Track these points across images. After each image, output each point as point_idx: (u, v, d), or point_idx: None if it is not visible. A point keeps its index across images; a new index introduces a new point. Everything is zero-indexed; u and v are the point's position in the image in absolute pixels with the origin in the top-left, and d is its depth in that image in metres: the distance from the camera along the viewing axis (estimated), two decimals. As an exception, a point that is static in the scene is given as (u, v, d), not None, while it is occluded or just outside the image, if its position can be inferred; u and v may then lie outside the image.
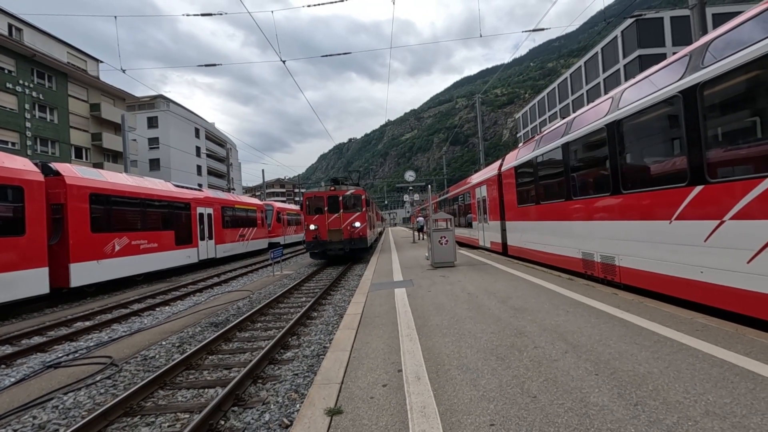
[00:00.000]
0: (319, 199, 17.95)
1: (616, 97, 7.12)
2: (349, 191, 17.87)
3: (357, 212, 17.64)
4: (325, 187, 18.19)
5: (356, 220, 17.51)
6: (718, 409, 2.71)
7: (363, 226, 17.58)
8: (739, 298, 4.60)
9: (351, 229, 17.45)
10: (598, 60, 49.10)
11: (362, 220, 17.62)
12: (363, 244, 17.58)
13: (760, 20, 4.38)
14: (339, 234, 17.40)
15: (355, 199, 17.97)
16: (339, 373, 3.89)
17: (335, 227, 17.44)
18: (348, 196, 17.83)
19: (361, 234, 17.46)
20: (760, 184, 4.21)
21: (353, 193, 17.94)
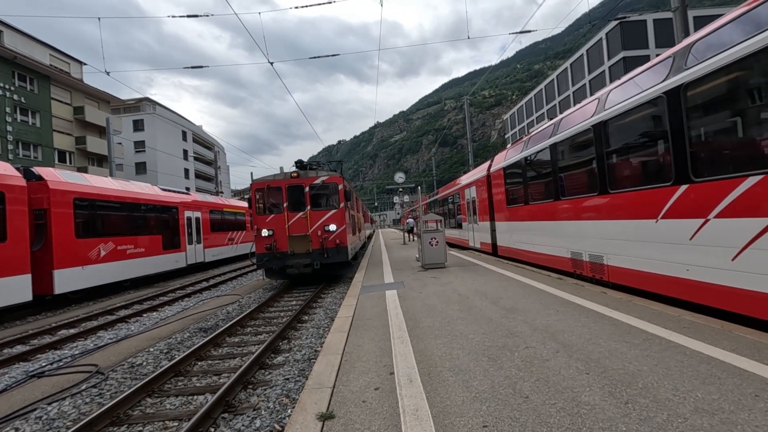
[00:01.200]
0: (274, 191, 12.33)
1: (602, 98, 7.21)
2: (319, 179, 12.27)
3: (332, 210, 12.22)
4: (284, 174, 12.42)
5: (331, 222, 12.09)
6: (707, 405, 2.74)
7: (341, 229, 12.15)
8: (725, 295, 4.67)
9: (323, 235, 12.00)
10: (584, 62, 49.82)
11: (340, 221, 12.21)
12: (341, 256, 12.16)
13: (739, 23, 4.48)
14: (305, 243, 11.93)
15: (330, 191, 12.56)
16: (331, 376, 3.86)
17: (299, 232, 11.96)
18: (318, 187, 12.37)
19: (338, 242, 12.03)
20: (742, 183, 4.29)
21: (326, 181, 12.32)
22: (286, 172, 12.42)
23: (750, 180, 4.21)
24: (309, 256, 11.91)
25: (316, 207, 12.35)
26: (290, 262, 11.83)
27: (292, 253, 11.92)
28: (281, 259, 11.90)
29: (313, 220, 12.15)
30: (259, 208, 12.32)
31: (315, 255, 11.91)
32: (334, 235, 12.13)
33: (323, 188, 12.53)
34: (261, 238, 11.97)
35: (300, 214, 12.12)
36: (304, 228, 12.07)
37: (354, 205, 17.12)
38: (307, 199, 12.22)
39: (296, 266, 11.76)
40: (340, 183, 12.52)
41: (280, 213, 12.10)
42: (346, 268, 13.10)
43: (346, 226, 12.54)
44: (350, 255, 13.29)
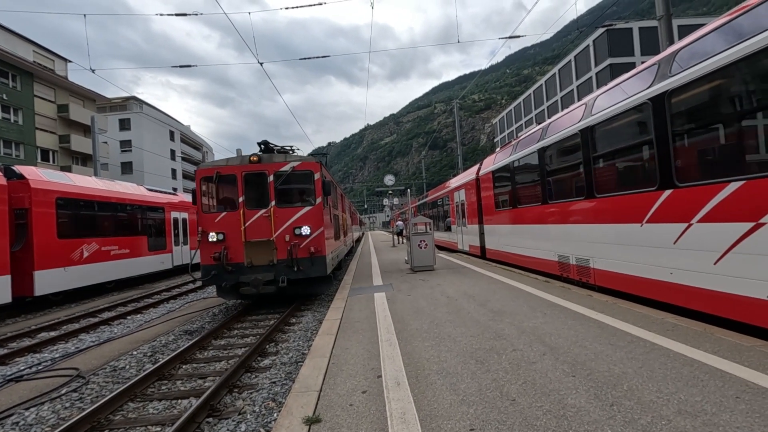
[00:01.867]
0: (227, 180, 9.31)
1: (589, 103, 7.31)
2: (288, 164, 9.28)
3: (306, 207, 9.26)
4: (240, 158, 9.45)
5: (304, 222, 9.15)
6: (690, 407, 2.78)
7: (318, 233, 9.21)
8: (707, 298, 4.76)
9: (293, 241, 9.04)
10: (572, 68, 50.58)
11: (316, 221, 9.24)
12: (318, 268, 9.18)
13: (721, 33, 4.58)
14: (267, 251, 9.00)
15: (303, 181, 9.51)
16: (318, 380, 3.82)
17: (260, 237, 9.03)
18: (287, 175, 9.27)
19: (313, 250, 9.10)
20: (724, 189, 4.38)
21: (298, 168, 9.30)
22: (245, 156, 9.27)
23: (732, 185, 4.30)
24: (272, 269, 8.87)
25: (283, 203, 9.25)
26: (246, 278, 8.72)
27: (250, 266, 8.84)
28: (234, 273, 8.80)
29: (279, 220, 9.02)
30: (205, 205, 9.22)
31: (281, 268, 8.87)
32: (309, 241, 9.02)
33: (294, 178, 9.36)
34: (207, 245, 8.88)
35: (261, 212, 9.04)
36: (267, 231, 8.99)
37: (338, 203, 13.95)
38: (271, 191, 9.10)
39: (254, 284, 8.64)
40: (317, 171, 9.33)
41: (234, 211, 9.04)
42: (324, 285, 9.78)
43: (325, 229, 9.44)
44: (330, 267, 9.93)
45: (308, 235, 9.06)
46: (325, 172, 10.13)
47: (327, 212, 10.00)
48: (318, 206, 9.26)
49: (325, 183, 9.55)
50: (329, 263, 9.82)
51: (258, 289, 8.66)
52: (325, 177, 9.86)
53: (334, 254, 11.59)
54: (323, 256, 9.20)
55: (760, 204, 4.00)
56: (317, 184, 9.35)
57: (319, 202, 9.28)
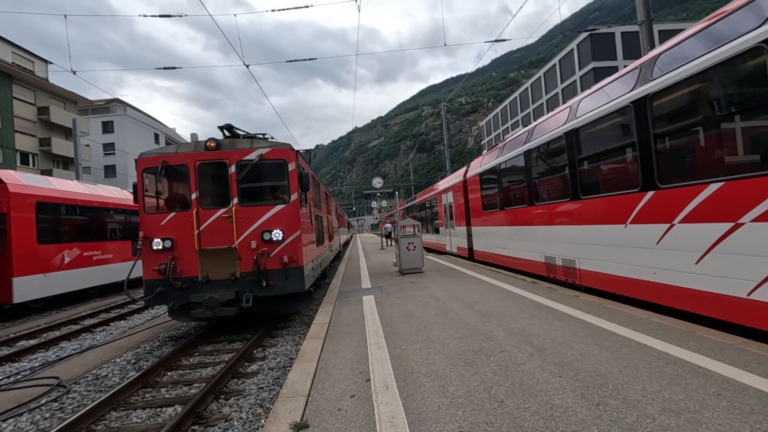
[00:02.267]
0: (176, 172, 7.68)
1: (573, 106, 7.42)
2: (255, 152, 7.52)
3: (278, 205, 7.50)
4: (194, 144, 7.68)
5: (276, 224, 7.39)
6: (674, 405, 2.82)
7: (293, 238, 7.45)
8: (689, 297, 4.85)
9: (261, 248, 7.26)
10: (557, 71, 51.35)
11: (291, 223, 7.49)
12: (293, 282, 7.40)
13: (700, 38, 4.70)
14: (227, 262, 7.25)
15: (274, 173, 7.81)
16: (306, 385, 3.79)
17: (218, 244, 7.29)
18: (253, 166, 7.51)
19: (288, 259, 7.33)
20: (705, 190, 4.48)
21: (266, 156, 7.56)
22: (200, 141, 7.54)
23: (711, 187, 4.40)
24: (234, 285, 7.06)
25: (249, 200, 7.45)
26: (198, 297, 6.87)
27: (205, 281, 7.04)
28: (184, 290, 6.99)
29: (243, 222, 7.21)
30: (148, 204, 7.42)
31: (245, 283, 7.07)
32: (282, 248, 7.23)
33: (263, 169, 7.59)
34: (151, 254, 7.09)
35: (220, 212, 7.21)
36: (227, 237, 7.16)
37: (321, 202, 12.10)
38: (233, 186, 7.29)
39: (209, 304, 6.77)
40: (292, 160, 7.54)
41: (186, 211, 7.21)
42: (301, 302, 7.94)
43: (303, 233, 7.68)
44: (310, 280, 8.12)
45: (281, 241, 7.22)
46: (302, 162, 8.42)
47: (306, 212, 8.34)
48: (293, 204, 7.44)
49: (302, 175, 7.62)
50: (308, 275, 7.93)
51: (214, 312, 6.77)
52: (302, 168, 7.97)
53: (316, 263, 9.72)
54: (300, 267, 7.34)
55: (738, 204, 4.10)
56: (292, 177, 7.49)
57: (295, 199, 7.46)
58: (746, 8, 4.16)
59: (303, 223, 7.81)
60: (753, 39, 3.89)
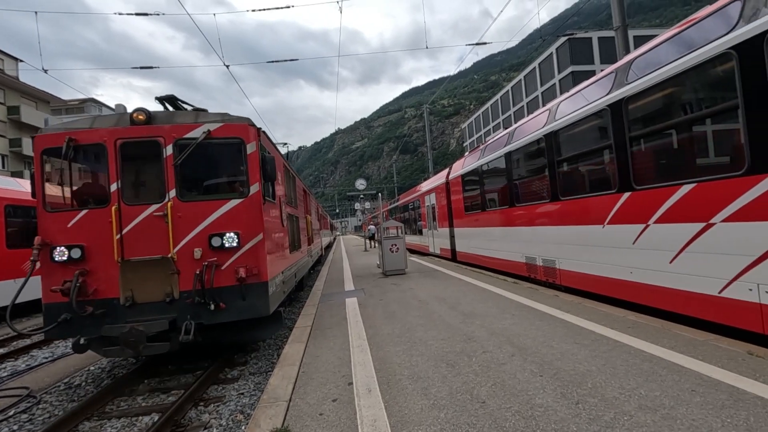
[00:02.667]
0: (89, 154, 5.67)
1: (552, 109, 7.56)
2: (201, 127, 5.44)
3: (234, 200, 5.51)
4: (117, 117, 5.64)
5: (229, 226, 5.40)
6: (650, 402, 2.89)
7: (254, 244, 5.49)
8: (664, 295, 4.99)
9: (210, 259, 5.25)
10: (536, 74, 52.30)
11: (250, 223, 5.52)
12: (253, 305, 5.40)
13: (672, 43, 4.84)
14: (161, 278, 5.24)
15: (225, 156, 5.93)
16: (287, 390, 3.73)
17: (148, 253, 5.26)
18: (195, 145, 5.39)
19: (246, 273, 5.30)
20: (677, 191, 4.61)
21: (216, 134, 5.49)
22: (124, 113, 5.66)
23: (684, 188, 4.53)
24: (170, 309, 5.20)
25: (192, 193, 5.65)
26: (115, 329, 4.98)
27: (129, 304, 5.18)
28: (99, 318, 5.12)
29: (183, 223, 5.32)
30: (50, 199, 5.53)
31: (184, 307, 5.20)
32: (238, 258, 5.38)
33: (211, 151, 5.70)
34: (52, 268, 5.28)
35: (152, 209, 5.32)
36: (161, 243, 5.26)
37: (296, 197, 9.83)
38: (169, 173, 5.39)
39: (128, 339, 4.90)
40: (252, 140, 5.64)
41: (102, 207, 5.32)
42: (267, 328, 5.99)
43: (268, 237, 5.83)
44: (277, 299, 6.22)
45: (236, 248, 5.28)
46: (267, 143, 6.44)
47: (273, 210, 6.50)
48: (253, 199, 5.49)
49: (265, 161, 5.73)
50: (276, 293, 6.06)
51: (137, 350, 4.85)
52: (266, 152, 6.07)
53: (289, 273, 7.73)
54: (262, 284, 5.43)
55: (710, 205, 4.23)
56: (252, 162, 5.53)
57: (256, 192, 5.51)
58: (715, 15, 4.30)
59: (269, 224, 5.93)
60: (722, 45, 4.03)
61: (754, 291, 3.87)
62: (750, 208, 3.83)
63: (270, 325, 6.03)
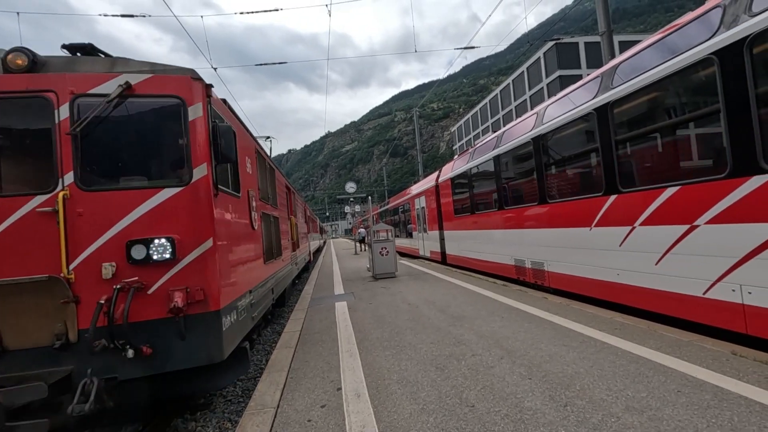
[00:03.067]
0: None
1: (540, 113, 7.63)
2: (117, 78, 3.63)
3: (167, 188, 3.71)
4: None
5: (158, 227, 3.62)
6: (637, 403, 2.91)
7: (201, 256, 3.68)
8: (650, 297, 5.05)
9: (127, 279, 3.45)
10: (525, 78, 52.90)
11: (194, 225, 3.72)
12: (199, 346, 3.62)
13: (656, 48, 4.93)
14: (47, 309, 3.35)
15: (156, 123, 3.90)
16: (275, 396, 3.68)
17: (23, 272, 3.34)
18: (106, 105, 3.57)
19: (183, 301, 3.49)
20: (662, 194, 4.68)
21: (139, 90, 3.68)
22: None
23: (668, 191, 4.60)
24: (62, 358, 3.38)
25: (101, 178, 3.76)
26: None
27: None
28: None
29: (86, 223, 3.56)
30: None
31: (84, 355, 3.37)
32: (174, 276, 3.63)
33: (131, 114, 3.83)
34: None
35: (31, 203, 3.48)
36: (48, 256, 3.44)
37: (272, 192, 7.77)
38: (60, 146, 3.58)
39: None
40: (198, 100, 3.88)
41: None
42: (221, 375, 4.18)
43: (223, 247, 4.07)
44: (238, 333, 4.36)
45: (170, 262, 3.63)
46: (221, 109, 4.62)
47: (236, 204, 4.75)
48: (199, 187, 3.81)
49: (219, 132, 3.98)
50: (236, 324, 4.29)
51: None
52: (220, 120, 4.40)
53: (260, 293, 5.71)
54: (213, 314, 3.74)
55: (693, 208, 4.30)
56: (195, 132, 3.84)
57: (203, 177, 3.83)
58: (697, 21, 4.39)
59: (225, 225, 4.18)
60: (703, 51, 4.11)
61: (737, 292, 3.93)
62: (732, 211, 3.90)
63: (229, 369, 4.19)
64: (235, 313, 4.26)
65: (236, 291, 4.41)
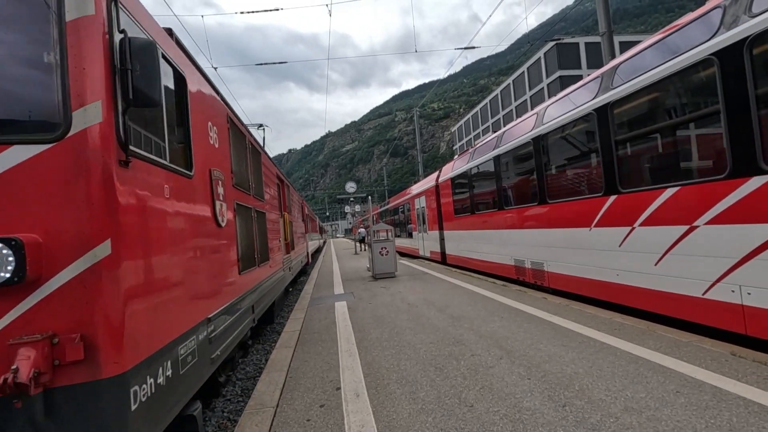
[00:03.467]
0: None
1: (540, 113, 7.63)
2: None
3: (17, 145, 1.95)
4: None
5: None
6: (635, 403, 2.91)
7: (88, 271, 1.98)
8: (649, 297, 5.05)
9: None
10: (525, 79, 52.89)
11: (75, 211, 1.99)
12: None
13: (656, 49, 4.93)
14: None
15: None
16: (274, 395, 3.68)
17: None
18: None
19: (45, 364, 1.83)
20: (662, 194, 4.68)
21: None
22: None
23: (668, 191, 4.60)
24: None
25: None
26: None
27: None
28: None
29: None
30: None
31: None
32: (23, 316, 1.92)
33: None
34: None
35: None
36: None
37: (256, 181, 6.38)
38: None
39: None
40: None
41: None
42: None
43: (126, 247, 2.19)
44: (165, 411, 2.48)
45: (14, 289, 1.90)
46: (140, 17, 2.65)
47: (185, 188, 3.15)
48: (85, 143, 2.07)
49: (131, 49, 2.23)
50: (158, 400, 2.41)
51: None
52: (142, 32, 2.64)
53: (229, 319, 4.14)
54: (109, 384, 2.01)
55: (693, 208, 4.30)
56: (76, 41, 2.08)
57: (93, 127, 2.08)
58: (698, 22, 4.39)
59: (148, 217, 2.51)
60: (704, 51, 4.11)
61: (736, 293, 3.93)
62: (732, 211, 3.90)
63: None
64: (167, 368, 2.56)
65: (171, 329, 2.68)
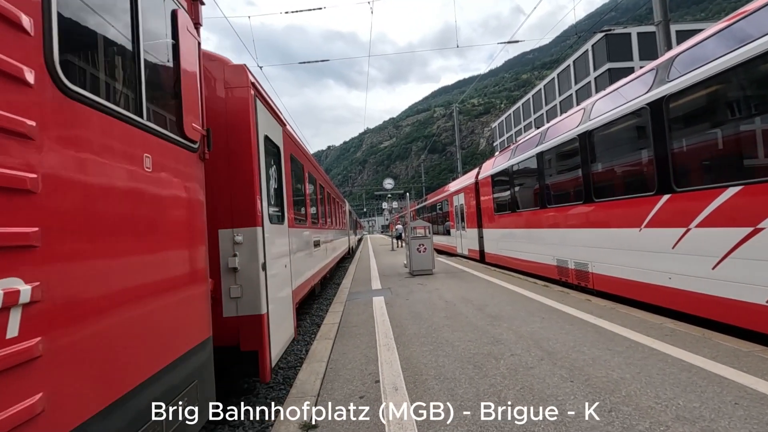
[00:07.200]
0: None
1: (587, 108, 7.33)
2: None
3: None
4: None
5: None
6: (688, 413, 2.77)
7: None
8: (705, 303, 4.75)
9: None
10: (570, 72, 50.80)
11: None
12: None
13: (720, 38, 4.60)
14: None
15: None
16: (315, 385, 3.80)
17: None
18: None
19: None
20: (722, 194, 4.39)
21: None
22: None
23: (730, 190, 4.30)
24: None
25: None
26: None
27: None
28: None
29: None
30: None
31: None
32: None
33: None
34: None
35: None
36: None
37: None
38: None
39: None
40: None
41: None
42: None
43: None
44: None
45: None
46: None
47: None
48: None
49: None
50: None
51: None
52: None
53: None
54: None
55: (758, 209, 4.00)
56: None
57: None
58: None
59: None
60: (774, 39, 3.80)
61: (806, 301, 3.63)
62: (803, 213, 3.59)
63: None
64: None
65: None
